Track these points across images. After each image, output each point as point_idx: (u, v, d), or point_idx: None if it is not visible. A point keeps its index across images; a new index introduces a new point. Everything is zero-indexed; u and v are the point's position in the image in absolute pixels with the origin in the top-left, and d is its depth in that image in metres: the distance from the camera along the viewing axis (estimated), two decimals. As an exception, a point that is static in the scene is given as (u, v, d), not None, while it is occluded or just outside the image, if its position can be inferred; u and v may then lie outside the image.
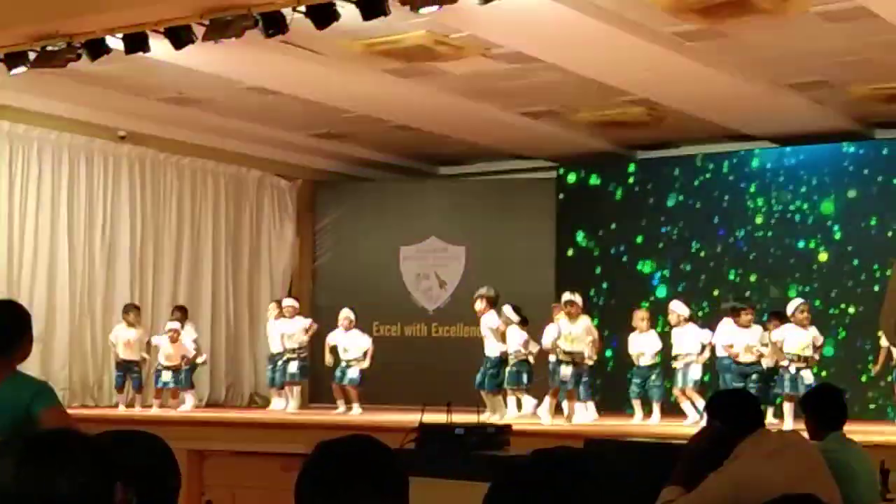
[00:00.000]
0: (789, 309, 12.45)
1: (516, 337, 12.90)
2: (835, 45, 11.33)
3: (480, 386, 12.83)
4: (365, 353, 14.07)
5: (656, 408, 13.00)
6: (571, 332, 12.60)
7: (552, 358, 12.67)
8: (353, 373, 13.99)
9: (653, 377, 13.13)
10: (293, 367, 14.24)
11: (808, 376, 11.97)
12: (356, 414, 13.67)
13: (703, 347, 12.81)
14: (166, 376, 14.22)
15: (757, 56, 11.85)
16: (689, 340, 12.91)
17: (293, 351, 14.25)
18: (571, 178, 16.67)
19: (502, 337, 12.97)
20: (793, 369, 12.06)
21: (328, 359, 14.16)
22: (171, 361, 14.21)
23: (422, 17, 10.23)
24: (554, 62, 11.95)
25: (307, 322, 14.57)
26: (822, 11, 10.36)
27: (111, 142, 15.19)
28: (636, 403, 13.19)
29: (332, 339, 14.22)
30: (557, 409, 12.73)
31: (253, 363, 16.57)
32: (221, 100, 13.92)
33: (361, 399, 13.97)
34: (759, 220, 15.29)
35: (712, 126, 14.73)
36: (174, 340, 14.24)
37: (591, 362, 13.10)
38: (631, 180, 16.27)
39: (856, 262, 14.58)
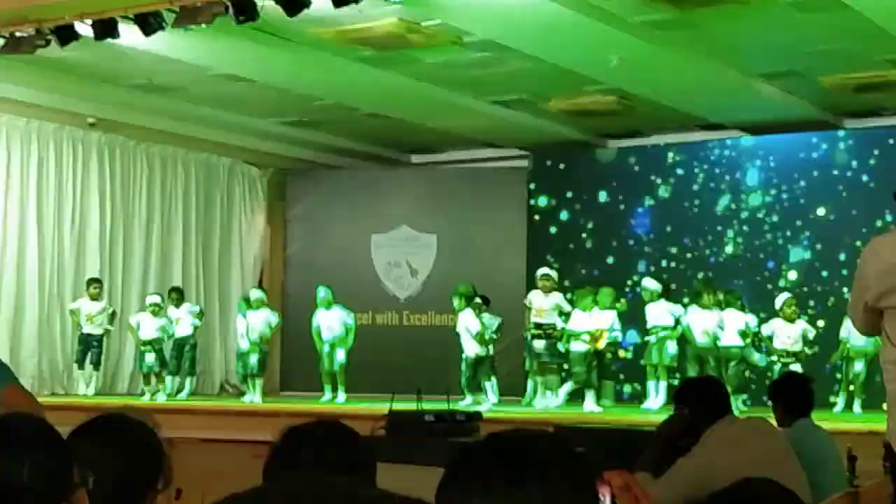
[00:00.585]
0: (777, 303, 12.60)
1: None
2: (805, 34, 11.38)
3: (464, 388, 12.92)
4: (348, 331, 14.02)
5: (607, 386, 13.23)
6: (542, 306, 12.70)
7: (527, 335, 12.85)
8: (340, 356, 13.93)
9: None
10: (253, 359, 14.13)
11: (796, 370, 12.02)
12: (341, 401, 13.62)
13: (677, 322, 12.89)
14: (150, 359, 14.08)
15: (728, 45, 11.89)
16: (662, 316, 12.99)
17: (254, 343, 14.13)
18: (543, 166, 16.69)
19: (480, 338, 13.03)
20: (778, 366, 12.13)
21: (318, 344, 14.04)
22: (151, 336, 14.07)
23: (393, 5, 10.23)
24: (525, 50, 11.96)
25: (274, 319, 14.41)
26: (793, 1, 10.40)
27: (81, 129, 15.10)
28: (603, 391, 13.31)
29: (316, 320, 14.13)
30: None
31: (224, 352, 16.53)
32: (192, 87, 13.86)
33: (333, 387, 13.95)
34: (730, 207, 15.35)
35: (683, 115, 14.78)
36: (155, 314, 14.12)
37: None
38: (602, 168, 16.31)
39: (825, 250, 14.66)
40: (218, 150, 16.66)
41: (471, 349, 13.03)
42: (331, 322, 13.99)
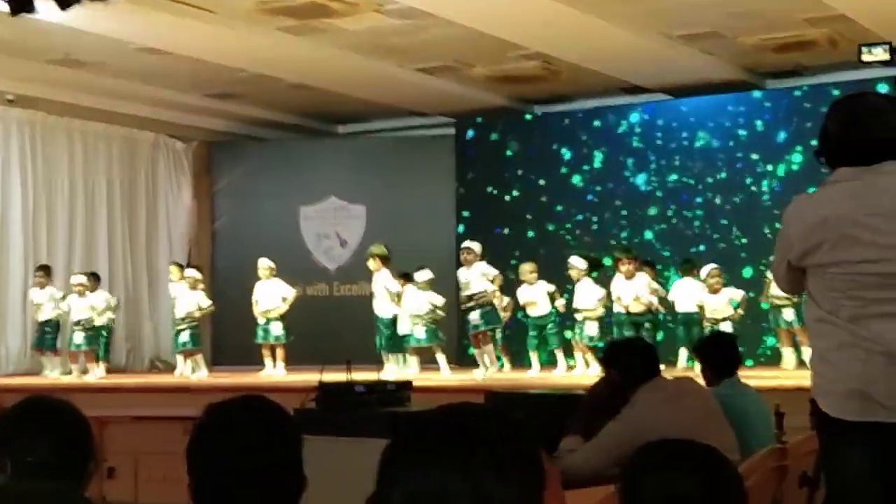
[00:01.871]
0: (702, 274, 12.72)
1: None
2: (725, -4, 11.47)
3: (380, 349, 12.91)
4: (284, 299, 13.96)
5: (559, 355, 13.22)
6: (468, 279, 12.73)
7: (463, 308, 12.92)
8: (276, 329, 13.86)
9: (549, 326, 13.33)
10: (185, 335, 14.06)
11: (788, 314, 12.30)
12: (279, 374, 13.58)
13: (599, 302, 12.97)
14: (78, 338, 13.91)
15: (649, 8, 11.94)
16: (587, 295, 13.05)
17: (183, 320, 14.06)
18: (469, 133, 16.70)
19: (398, 297, 13.09)
20: (707, 331, 12.21)
21: (257, 313, 13.98)
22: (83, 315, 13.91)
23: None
24: (447, 17, 11.92)
25: (206, 302, 14.33)
26: (712, -37, 10.47)
27: (-1, 106, 14.87)
28: (533, 355, 13.35)
29: (256, 292, 14.08)
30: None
31: (153, 328, 16.39)
32: (111, 61, 13.66)
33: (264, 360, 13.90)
34: (653, 170, 15.46)
35: (607, 79, 14.83)
36: (82, 295, 13.96)
37: (505, 317, 13.34)
38: (528, 134, 16.35)
39: (745, 209, 14.83)
40: (141, 124, 16.46)
41: (386, 310, 13.07)
42: (268, 293, 13.93)
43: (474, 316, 12.71)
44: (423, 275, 13.16)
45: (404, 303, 13.12)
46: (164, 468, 8.84)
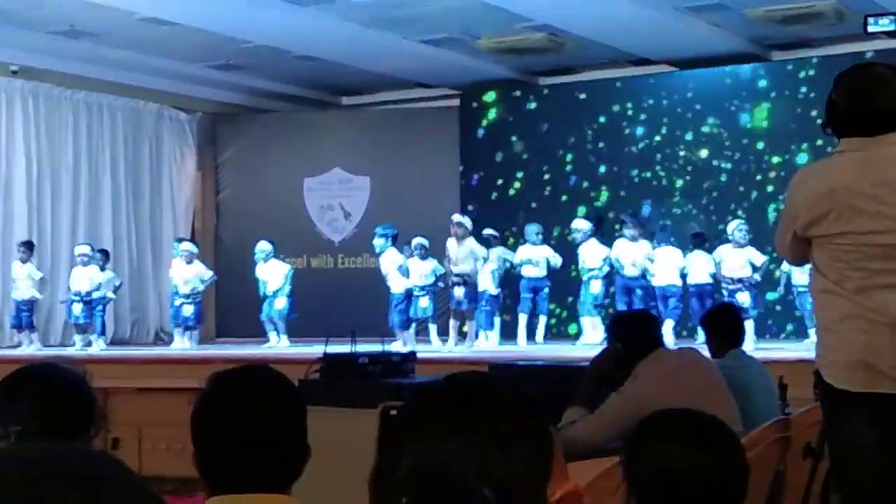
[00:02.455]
0: (729, 229, 12.60)
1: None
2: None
3: (392, 325, 12.93)
4: (285, 277, 14.02)
5: (542, 321, 13.29)
6: (456, 253, 12.73)
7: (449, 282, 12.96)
8: (279, 304, 13.90)
9: (544, 290, 13.37)
10: (188, 311, 14.07)
11: (743, 299, 12.01)
12: (283, 347, 13.64)
13: (605, 262, 13.02)
14: (77, 309, 13.91)
15: (655, -20, 11.89)
16: (591, 256, 13.10)
17: (188, 296, 14.07)
18: (474, 105, 16.66)
19: (406, 272, 13.13)
20: (726, 292, 12.18)
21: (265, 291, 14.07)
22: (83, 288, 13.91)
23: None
24: (454, -12, 11.88)
25: (207, 273, 14.36)
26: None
27: (4, 77, 14.81)
28: (522, 319, 13.40)
29: (259, 272, 14.15)
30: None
31: (158, 299, 16.39)
32: (116, 32, 13.61)
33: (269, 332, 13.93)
34: (659, 142, 15.43)
35: (613, 51, 14.79)
36: (86, 265, 13.94)
37: (494, 292, 13.31)
38: (534, 106, 16.31)
39: (751, 183, 14.82)
40: (145, 95, 16.41)
41: (398, 285, 13.11)
42: (272, 274, 13.97)
43: (459, 293, 12.74)
44: (419, 243, 13.21)
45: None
46: (169, 439, 8.87)
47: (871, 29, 12.14)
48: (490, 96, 16.54)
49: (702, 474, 2.32)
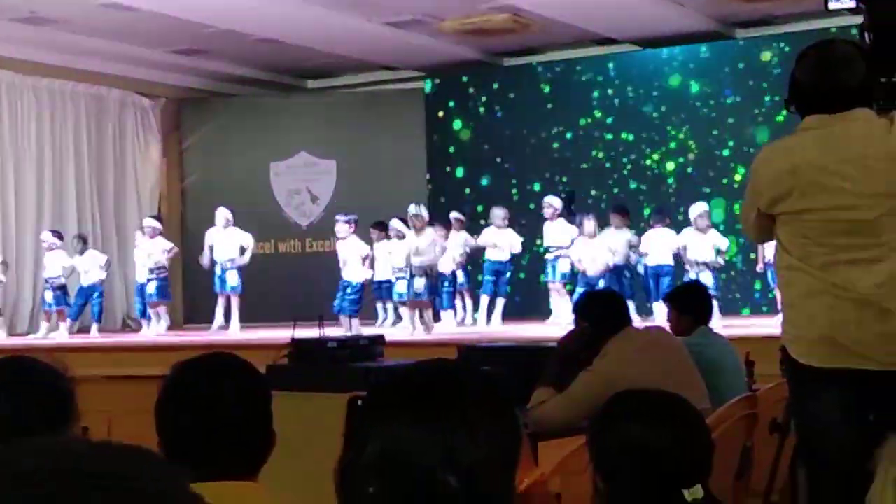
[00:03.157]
0: (691, 214, 12.55)
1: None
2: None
3: (340, 311, 12.86)
4: (242, 249, 13.91)
5: (499, 303, 13.31)
6: (418, 247, 12.69)
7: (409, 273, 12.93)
8: (232, 279, 13.83)
9: (507, 274, 13.40)
10: (152, 287, 13.99)
11: (706, 279, 11.94)
12: (234, 330, 13.58)
13: (573, 241, 13.03)
14: (48, 297, 13.80)
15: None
16: (559, 233, 13.13)
17: (151, 271, 13.99)
18: (439, 87, 16.65)
19: (371, 262, 13.13)
20: (693, 274, 12.18)
21: (205, 257, 13.95)
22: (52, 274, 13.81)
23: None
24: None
25: (168, 245, 14.29)
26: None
27: (-37, 65, 14.69)
28: (483, 300, 13.43)
29: (210, 237, 14.04)
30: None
31: (124, 286, 16.30)
32: (76, 18, 13.51)
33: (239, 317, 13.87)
34: (625, 121, 15.47)
35: (577, 31, 14.79)
36: (50, 251, 13.85)
37: (454, 267, 13.39)
38: (498, 87, 16.31)
39: (717, 162, 14.88)
40: (108, 82, 16.29)
41: (356, 275, 13.12)
42: (225, 242, 13.88)
43: (419, 284, 12.71)
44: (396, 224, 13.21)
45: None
46: (139, 427, 8.80)
47: (831, 6, 12.14)
48: (455, 78, 16.52)
49: (666, 452, 2.34)
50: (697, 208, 12.59)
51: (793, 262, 3.68)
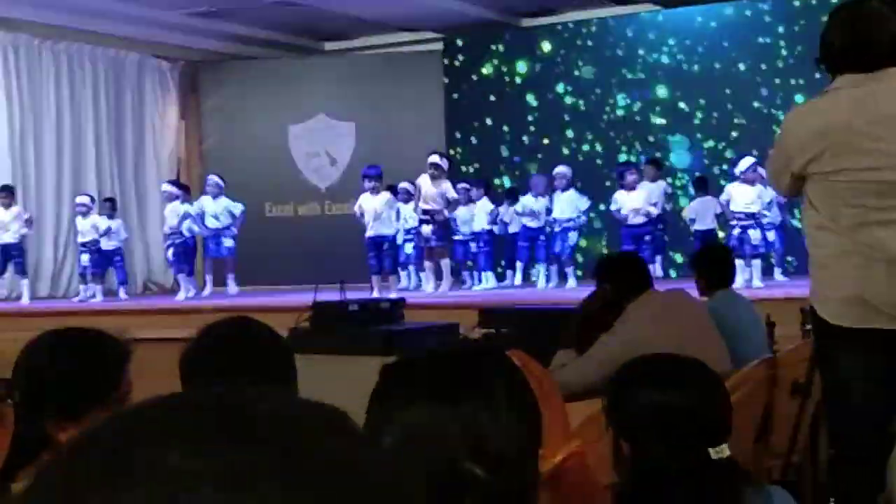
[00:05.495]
0: (741, 167, 12.18)
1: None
2: None
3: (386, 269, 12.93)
4: (234, 217, 13.90)
5: (541, 270, 13.33)
6: (429, 192, 12.71)
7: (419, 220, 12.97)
8: (227, 243, 13.83)
9: (541, 238, 13.42)
10: (170, 253, 14.03)
11: (754, 236, 11.87)
12: (233, 292, 13.61)
13: (580, 213, 13.05)
14: (84, 260, 13.83)
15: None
16: (569, 204, 13.11)
17: (167, 237, 14.03)
18: (458, 47, 16.59)
19: (396, 216, 13.16)
20: (738, 230, 11.99)
21: (200, 227, 13.93)
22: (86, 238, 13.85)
23: None
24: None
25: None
26: None
27: (-19, 28, 14.70)
28: (518, 265, 13.47)
29: (199, 206, 13.99)
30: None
31: (144, 250, 16.37)
32: (95, -19, 13.50)
33: (258, 281, 13.90)
34: (646, 83, 15.39)
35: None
36: (85, 216, 13.87)
37: (487, 226, 13.43)
38: (517, 48, 16.23)
39: (736, 119, 14.80)
40: (126, 45, 16.29)
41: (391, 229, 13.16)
42: (217, 211, 13.85)
43: (426, 231, 12.74)
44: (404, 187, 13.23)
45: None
46: (161, 390, 8.88)
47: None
48: (473, 38, 16.46)
49: (688, 412, 2.35)
50: (748, 161, 12.20)
51: (822, 222, 3.66)
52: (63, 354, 2.60)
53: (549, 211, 13.31)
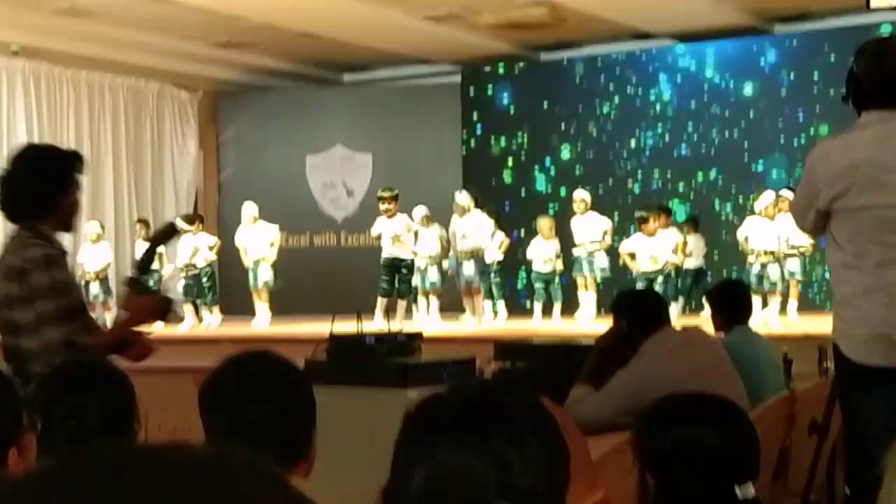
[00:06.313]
0: (762, 202, 12.17)
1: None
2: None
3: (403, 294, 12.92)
4: (271, 245, 13.91)
5: (557, 307, 13.29)
6: (463, 230, 12.74)
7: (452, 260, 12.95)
8: (264, 273, 13.85)
9: (556, 281, 13.39)
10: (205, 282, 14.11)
11: (774, 273, 11.87)
12: (264, 321, 13.61)
13: (605, 234, 13.03)
14: (94, 289, 13.87)
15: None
16: (591, 228, 13.10)
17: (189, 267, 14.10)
18: (475, 81, 16.63)
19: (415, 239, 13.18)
20: (757, 266, 11.97)
21: (245, 259, 13.97)
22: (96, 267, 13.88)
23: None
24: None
25: (211, 240, 14.36)
26: None
27: (4, 57, 14.79)
28: (537, 305, 13.42)
29: (239, 238, 14.05)
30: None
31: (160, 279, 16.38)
32: (116, 10, 13.57)
33: (274, 310, 13.90)
34: (661, 117, 15.40)
35: (614, 25, 14.73)
36: (95, 242, 13.92)
37: (499, 258, 13.36)
38: (535, 82, 16.26)
39: (759, 156, 14.79)
40: (146, 74, 16.40)
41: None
42: (255, 238, 13.90)
43: (468, 268, 12.73)
44: (420, 210, 13.21)
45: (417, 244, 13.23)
46: (175, 420, 8.87)
47: (874, 4, 12.01)
48: (491, 72, 16.50)
49: (717, 450, 2.35)
50: (769, 195, 12.21)
51: (847, 260, 3.64)
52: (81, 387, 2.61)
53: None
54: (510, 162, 16.25)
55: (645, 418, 2.51)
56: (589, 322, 12.49)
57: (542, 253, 13.43)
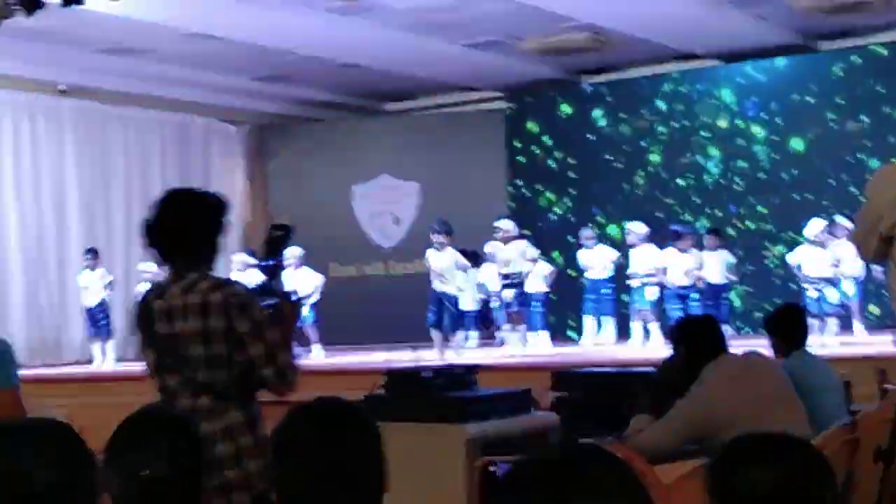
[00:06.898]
0: (812, 229, 12.10)
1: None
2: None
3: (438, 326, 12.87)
4: (315, 288, 13.97)
5: (611, 323, 13.26)
6: (505, 256, 12.75)
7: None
8: (308, 312, 13.88)
9: (604, 290, 13.37)
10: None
11: (831, 295, 11.78)
12: (319, 357, 13.63)
13: (658, 269, 12.94)
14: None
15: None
16: (645, 261, 13.03)
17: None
18: (519, 107, 16.63)
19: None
20: (814, 292, 11.87)
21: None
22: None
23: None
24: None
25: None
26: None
27: (52, 96, 14.97)
28: (586, 320, 13.42)
29: (286, 282, 14.06)
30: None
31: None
32: (161, 48, 13.71)
33: (323, 340, 13.93)
34: (707, 139, 15.33)
35: (658, 47, 14.70)
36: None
37: (545, 288, 13.34)
38: (580, 106, 16.23)
39: (808, 174, 14.69)
40: (192, 109, 16.54)
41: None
42: (301, 281, 13.94)
43: (508, 295, 12.73)
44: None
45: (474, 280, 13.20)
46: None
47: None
48: (535, 97, 16.50)
49: (789, 493, 2.31)
50: (819, 222, 12.13)
51: (911, 282, 3.60)
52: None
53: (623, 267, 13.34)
54: (558, 187, 16.20)
55: (719, 456, 2.48)
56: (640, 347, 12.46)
57: (586, 260, 13.58)
